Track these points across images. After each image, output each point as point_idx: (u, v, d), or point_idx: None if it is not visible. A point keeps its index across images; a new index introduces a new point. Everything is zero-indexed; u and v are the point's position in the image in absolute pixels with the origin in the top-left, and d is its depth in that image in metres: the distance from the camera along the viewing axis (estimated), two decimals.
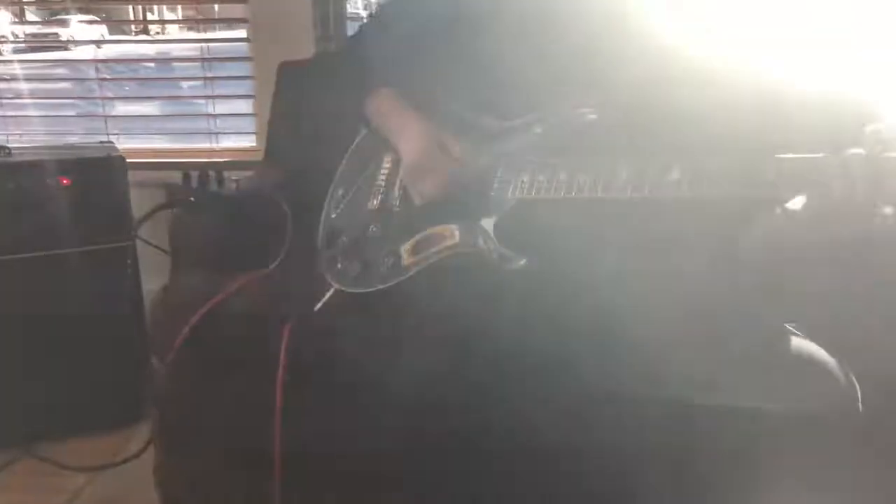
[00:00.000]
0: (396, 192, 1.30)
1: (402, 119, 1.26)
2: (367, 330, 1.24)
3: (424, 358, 1.06)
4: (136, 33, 7.52)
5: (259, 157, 2.11)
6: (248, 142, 2.35)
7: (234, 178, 1.52)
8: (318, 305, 1.35)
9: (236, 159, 2.26)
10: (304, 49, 2.17)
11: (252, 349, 1.31)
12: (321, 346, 1.29)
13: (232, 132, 2.40)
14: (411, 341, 1.10)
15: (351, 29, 2.29)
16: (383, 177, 1.34)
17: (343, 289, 1.30)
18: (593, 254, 1.22)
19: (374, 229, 1.29)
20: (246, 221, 1.54)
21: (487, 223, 1.16)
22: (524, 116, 1.21)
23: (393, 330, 1.19)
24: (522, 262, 1.11)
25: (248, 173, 1.88)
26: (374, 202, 1.33)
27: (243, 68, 2.31)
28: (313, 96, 1.93)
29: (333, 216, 1.41)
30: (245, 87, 2.32)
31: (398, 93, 1.32)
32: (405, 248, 1.24)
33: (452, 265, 1.15)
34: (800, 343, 1.13)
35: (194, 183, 1.50)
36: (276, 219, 1.64)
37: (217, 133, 2.37)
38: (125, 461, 1.73)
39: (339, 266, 1.32)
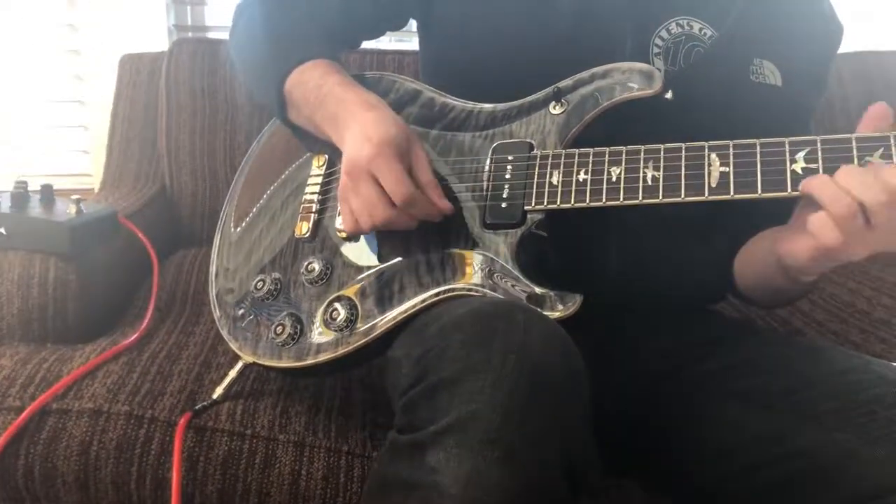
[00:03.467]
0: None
1: (347, 100, 0.82)
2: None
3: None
4: None
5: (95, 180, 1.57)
6: (81, 158, 1.78)
7: (74, 196, 1.00)
8: (220, 390, 0.87)
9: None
10: (146, 42, 1.66)
11: (121, 464, 0.81)
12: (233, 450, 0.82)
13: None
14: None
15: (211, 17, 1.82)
16: (315, 187, 0.90)
17: (261, 361, 0.84)
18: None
19: (309, 266, 0.84)
20: (91, 264, 1.02)
21: (503, 249, 0.76)
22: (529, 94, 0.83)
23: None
24: (567, 307, 0.71)
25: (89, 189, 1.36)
26: (305, 227, 0.88)
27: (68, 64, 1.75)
28: (178, 92, 1.43)
29: (234, 250, 0.94)
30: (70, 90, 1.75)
31: (338, 66, 0.89)
32: (360, 291, 0.80)
33: (451, 312, 0.70)
34: None
35: (5, 205, 0.97)
36: (136, 260, 1.13)
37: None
38: None
39: (252, 326, 0.86)
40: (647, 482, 0.88)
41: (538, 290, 0.72)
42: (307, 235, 0.87)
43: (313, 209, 0.88)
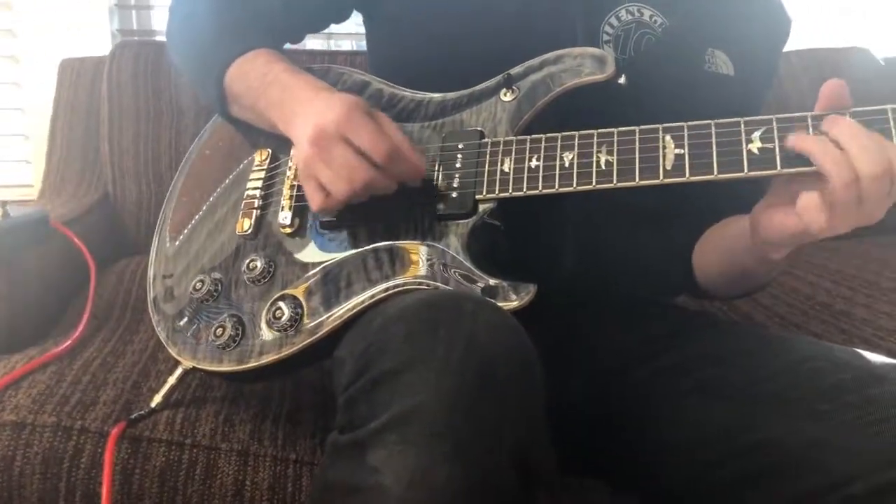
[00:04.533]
0: (286, 201, 0.82)
1: (294, 86, 0.78)
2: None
3: None
4: None
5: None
6: (24, 168, 1.71)
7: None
8: (159, 398, 0.82)
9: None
10: (89, 48, 1.61)
11: (48, 479, 0.76)
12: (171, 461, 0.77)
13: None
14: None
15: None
16: (257, 182, 0.86)
17: (200, 366, 0.79)
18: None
19: (251, 264, 0.80)
20: (19, 270, 0.97)
21: (455, 240, 0.73)
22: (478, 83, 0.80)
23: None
24: (521, 297, 0.67)
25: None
26: (247, 223, 0.83)
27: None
28: (120, 96, 1.38)
29: (172, 253, 0.89)
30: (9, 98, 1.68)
31: (282, 55, 0.85)
32: (305, 289, 0.76)
33: (397, 305, 0.65)
34: None
35: None
36: (72, 268, 1.08)
37: None
38: None
39: (192, 330, 0.81)
40: (613, 482, 0.85)
41: (492, 281, 0.69)
42: (249, 232, 0.82)
43: (255, 205, 0.84)
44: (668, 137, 0.68)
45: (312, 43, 1.78)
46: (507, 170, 0.73)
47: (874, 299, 1.11)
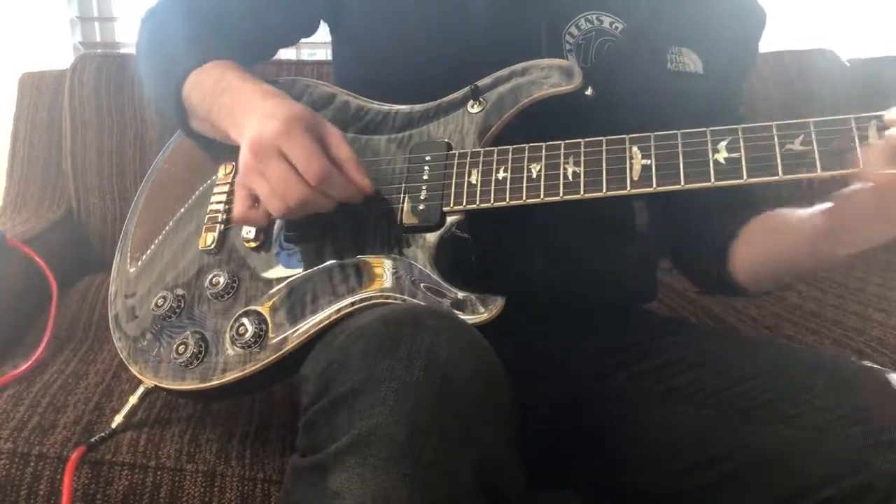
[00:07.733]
0: None
1: (243, 91, 0.76)
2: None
3: None
4: None
5: None
6: None
7: None
8: (119, 418, 0.80)
9: None
10: (50, 61, 1.58)
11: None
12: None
13: None
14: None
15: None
16: (221, 196, 0.84)
17: (163, 384, 0.77)
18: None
19: (214, 279, 0.78)
20: None
21: (422, 253, 0.71)
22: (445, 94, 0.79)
23: None
24: (489, 310, 0.66)
25: None
26: (210, 238, 0.81)
27: None
28: (83, 110, 1.35)
29: (134, 271, 0.87)
30: None
31: (239, 65, 0.83)
32: (270, 304, 0.74)
33: (359, 321, 0.64)
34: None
35: None
36: (33, 287, 1.05)
37: None
38: None
39: (154, 348, 0.79)
40: (588, 492, 0.84)
41: (460, 294, 0.68)
42: (212, 247, 0.80)
43: (219, 219, 0.82)
44: (634, 148, 0.68)
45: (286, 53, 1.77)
46: (474, 182, 0.72)
47: (843, 300, 1.13)
